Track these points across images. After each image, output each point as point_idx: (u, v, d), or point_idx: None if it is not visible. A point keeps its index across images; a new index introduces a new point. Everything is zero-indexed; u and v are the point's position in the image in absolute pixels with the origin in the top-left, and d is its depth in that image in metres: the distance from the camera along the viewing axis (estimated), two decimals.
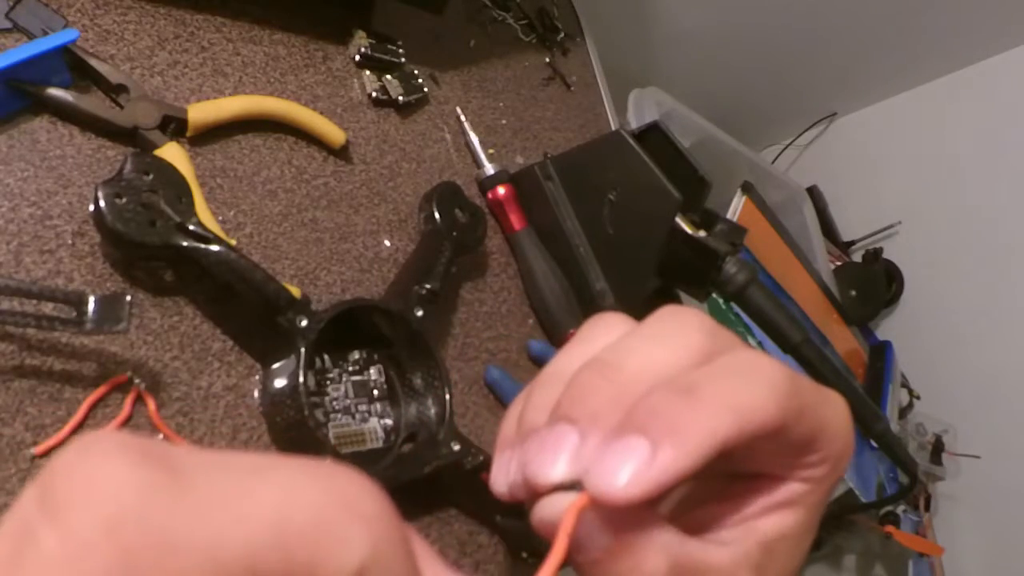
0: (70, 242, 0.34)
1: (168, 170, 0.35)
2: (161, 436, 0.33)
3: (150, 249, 0.33)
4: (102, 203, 0.32)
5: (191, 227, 0.34)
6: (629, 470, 0.16)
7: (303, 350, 0.36)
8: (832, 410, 0.20)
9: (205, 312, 0.37)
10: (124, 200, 0.32)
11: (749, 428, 0.17)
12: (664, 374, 0.18)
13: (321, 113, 0.46)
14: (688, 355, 0.19)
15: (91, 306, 0.30)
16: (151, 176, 0.34)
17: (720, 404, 0.17)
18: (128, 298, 0.31)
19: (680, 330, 0.20)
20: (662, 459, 0.16)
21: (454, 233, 0.48)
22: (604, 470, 0.16)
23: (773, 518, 0.20)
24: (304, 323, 0.36)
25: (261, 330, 0.37)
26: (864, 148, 1.26)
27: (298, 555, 0.12)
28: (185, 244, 0.34)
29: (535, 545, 0.42)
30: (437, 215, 0.48)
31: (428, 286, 0.43)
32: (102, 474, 0.12)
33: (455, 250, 0.47)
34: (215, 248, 0.34)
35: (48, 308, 0.30)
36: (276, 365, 0.37)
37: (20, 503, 0.12)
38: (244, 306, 0.36)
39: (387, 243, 0.48)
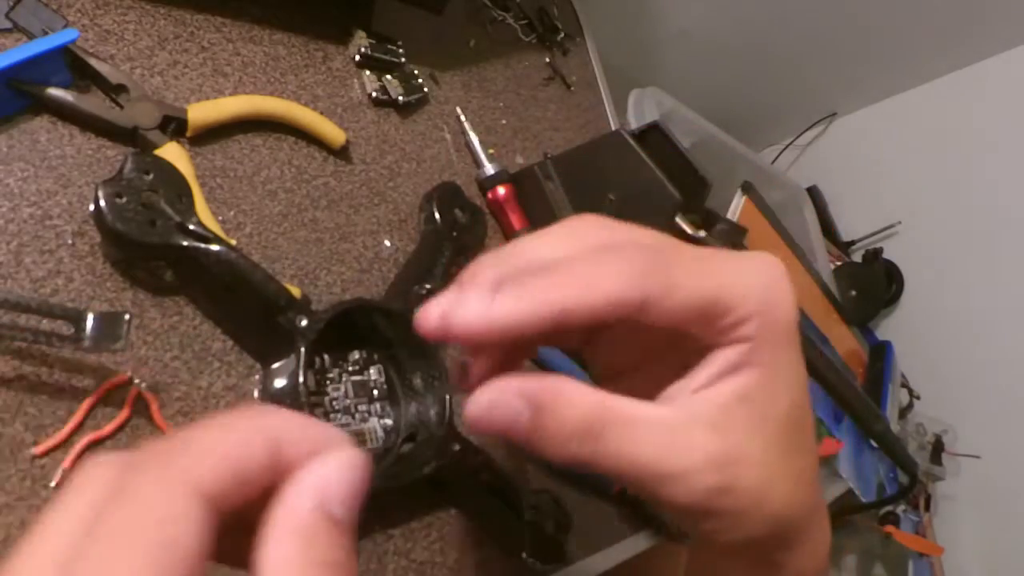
0: (70, 242, 0.34)
1: (168, 170, 0.35)
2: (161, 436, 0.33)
3: (150, 249, 0.33)
4: (103, 203, 0.32)
5: (191, 227, 0.34)
6: (471, 308, 0.21)
7: (303, 350, 0.36)
8: (732, 275, 0.22)
9: (205, 312, 0.37)
10: (124, 200, 0.32)
11: (593, 302, 0.20)
12: (547, 258, 0.22)
13: (321, 113, 0.46)
14: (574, 246, 0.23)
15: (90, 323, 0.30)
16: (151, 176, 0.34)
17: (566, 280, 0.21)
18: (127, 317, 0.31)
19: (573, 228, 0.24)
20: (498, 306, 0.21)
21: (454, 233, 0.48)
22: (455, 308, 0.21)
23: (725, 382, 0.22)
24: (304, 323, 0.36)
25: (261, 330, 0.37)
26: (864, 148, 1.26)
27: None
28: (185, 244, 0.34)
29: (535, 545, 0.42)
30: (437, 215, 0.48)
31: (428, 286, 0.43)
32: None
33: (455, 250, 0.47)
34: (215, 248, 0.34)
35: (47, 323, 0.30)
36: (276, 365, 0.37)
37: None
38: (244, 306, 0.36)
39: (387, 243, 0.48)
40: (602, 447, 0.21)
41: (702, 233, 0.47)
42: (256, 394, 0.37)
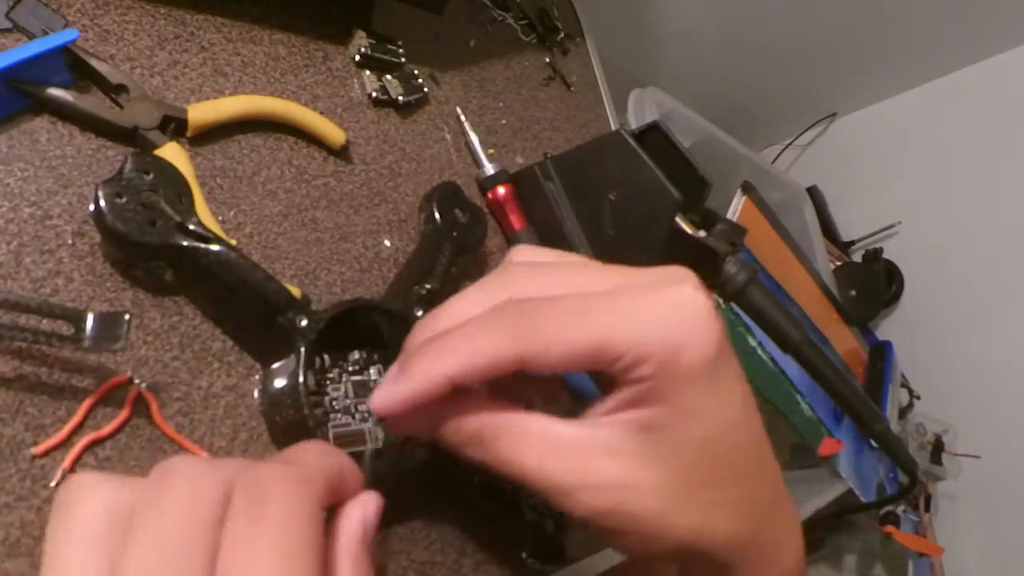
0: (70, 242, 0.34)
1: (168, 169, 0.35)
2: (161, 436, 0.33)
3: (150, 249, 0.33)
4: (102, 203, 0.32)
5: (191, 227, 0.34)
6: (379, 396, 0.25)
7: (303, 350, 0.36)
8: (620, 322, 0.23)
9: (205, 312, 0.37)
10: (124, 200, 0.32)
11: (474, 368, 0.23)
12: (456, 323, 0.25)
13: (321, 113, 0.46)
14: (482, 304, 0.25)
15: (89, 323, 0.30)
16: (151, 175, 0.34)
17: (449, 351, 0.23)
18: (127, 317, 0.31)
19: (485, 284, 0.26)
20: (397, 390, 0.24)
21: (454, 233, 0.48)
22: (375, 393, 0.25)
23: (628, 412, 0.23)
24: (304, 323, 0.36)
25: (261, 330, 0.37)
26: (864, 148, 1.26)
27: None
28: (185, 244, 0.34)
29: (535, 545, 0.42)
30: (437, 215, 0.48)
31: (428, 286, 0.43)
32: None
33: (455, 250, 0.47)
34: (215, 248, 0.34)
35: (46, 323, 0.30)
36: (276, 365, 0.37)
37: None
38: (244, 306, 0.36)
39: (387, 243, 0.48)
40: (492, 453, 0.24)
41: (702, 233, 0.47)
42: (256, 394, 0.37)
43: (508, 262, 0.28)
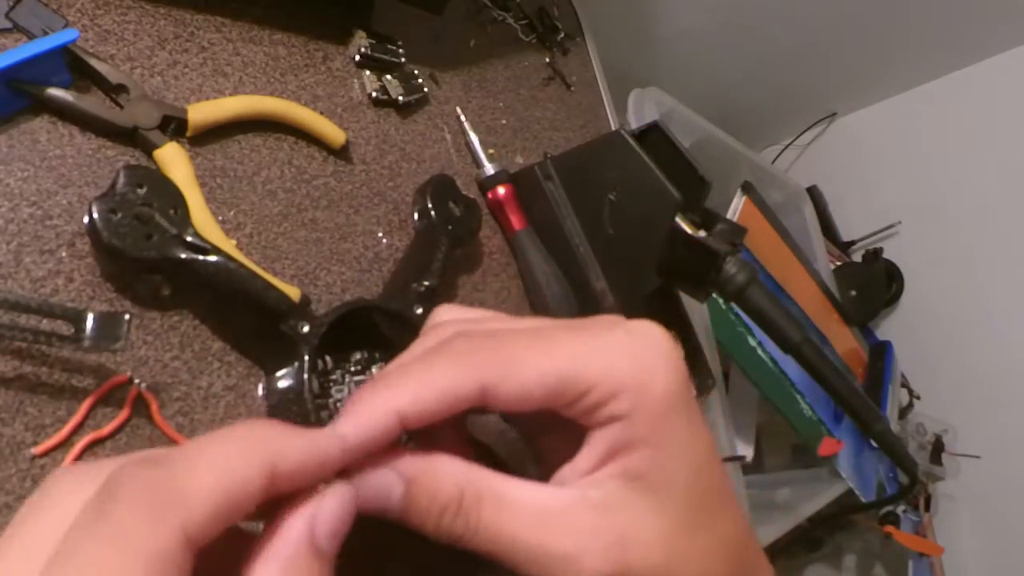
0: (70, 242, 0.34)
1: (161, 181, 0.34)
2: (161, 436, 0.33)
3: (148, 263, 0.33)
4: (97, 220, 0.31)
5: (188, 238, 0.34)
6: (325, 444, 0.20)
7: (307, 357, 0.36)
8: (587, 353, 0.21)
9: (205, 321, 0.37)
10: (120, 215, 0.32)
11: (427, 399, 0.20)
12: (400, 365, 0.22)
13: (321, 113, 0.46)
14: (422, 347, 0.23)
15: (89, 323, 0.30)
16: (144, 188, 0.33)
17: (395, 378, 0.21)
18: (127, 317, 0.31)
19: (422, 342, 0.23)
20: (340, 431, 0.20)
21: (449, 227, 0.48)
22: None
23: (614, 463, 0.21)
24: (306, 329, 0.36)
25: (263, 338, 0.37)
26: (864, 148, 1.26)
27: None
28: (183, 256, 0.33)
29: None
30: (431, 209, 0.48)
31: (426, 283, 0.43)
32: None
33: (451, 244, 0.47)
34: (213, 258, 0.34)
35: (46, 323, 0.30)
36: (280, 372, 0.37)
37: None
38: (245, 314, 0.36)
39: (387, 242, 0.48)
40: (473, 522, 0.20)
41: (702, 233, 0.47)
42: (259, 399, 0.37)
43: (436, 321, 0.25)
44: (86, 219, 0.32)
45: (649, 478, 0.21)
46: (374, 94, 0.51)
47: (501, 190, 0.55)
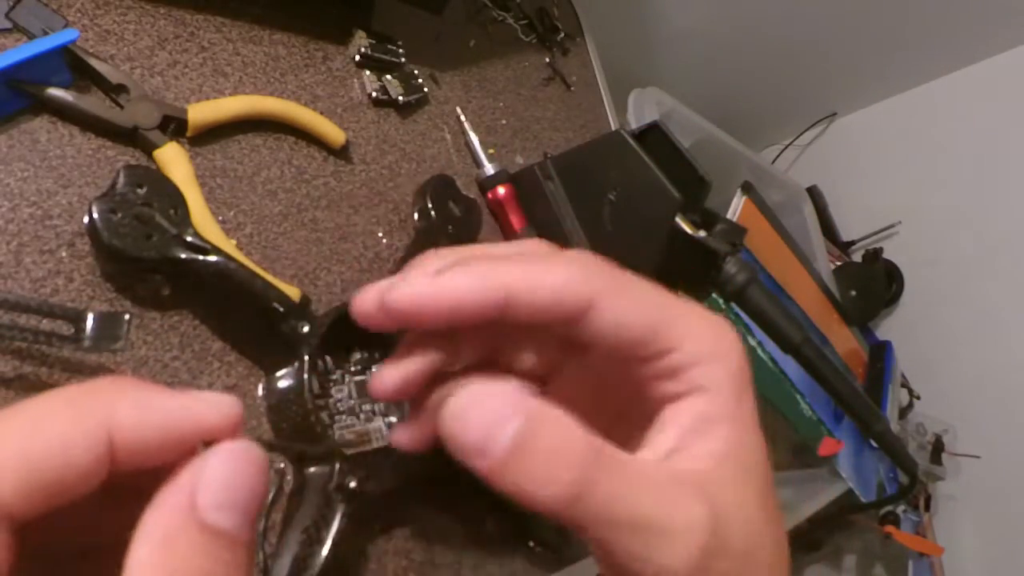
0: (70, 242, 0.34)
1: (161, 181, 0.34)
2: None
3: (148, 263, 0.33)
4: (97, 220, 0.31)
5: (188, 238, 0.34)
6: (414, 282, 0.21)
7: (307, 357, 0.36)
8: (679, 316, 0.20)
9: (205, 322, 0.37)
10: (120, 215, 0.32)
11: (539, 290, 0.20)
12: (498, 253, 0.23)
13: (321, 113, 0.46)
14: (524, 251, 0.23)
15: (89, 323, 0.30)
16: (144, 188, 0.33)
17: (515, 266, 0.20)
18: (127, 317, 0.31)
19: (523, 242, 0.24)
20: (443, 280, 0.20)
21: (449, 227, 0.48)
22: (397, 285, 0.21)
23: (706, 440, 0.20)
24: (306, 329, 0.36)
25: (263, 338, 0.37)
26: (864, 148, 1.27)
27: None
28: (183, 256, 0.33)
29: (542, 533, 0.42)
30: (431, 209, 0.48)
31: None
32: None
33: (451, 243, 0.47)
34: (213, 259, 0.34)
35: (46, 323, 0.30)
36: (280, 372, 0.37)
37: None
38: (245, 314, 0.36)
39: (387, 242, 0.48)
40: (589, 492, 0.17)
41: (702, 233, 0.47)
42: (259, 396, 0.37)
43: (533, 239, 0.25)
44: (86, 219, 0.32)
45: (738, 458, 0.20)
46: (374, 94, 0.51)
47: (501, 190, 0.55)
